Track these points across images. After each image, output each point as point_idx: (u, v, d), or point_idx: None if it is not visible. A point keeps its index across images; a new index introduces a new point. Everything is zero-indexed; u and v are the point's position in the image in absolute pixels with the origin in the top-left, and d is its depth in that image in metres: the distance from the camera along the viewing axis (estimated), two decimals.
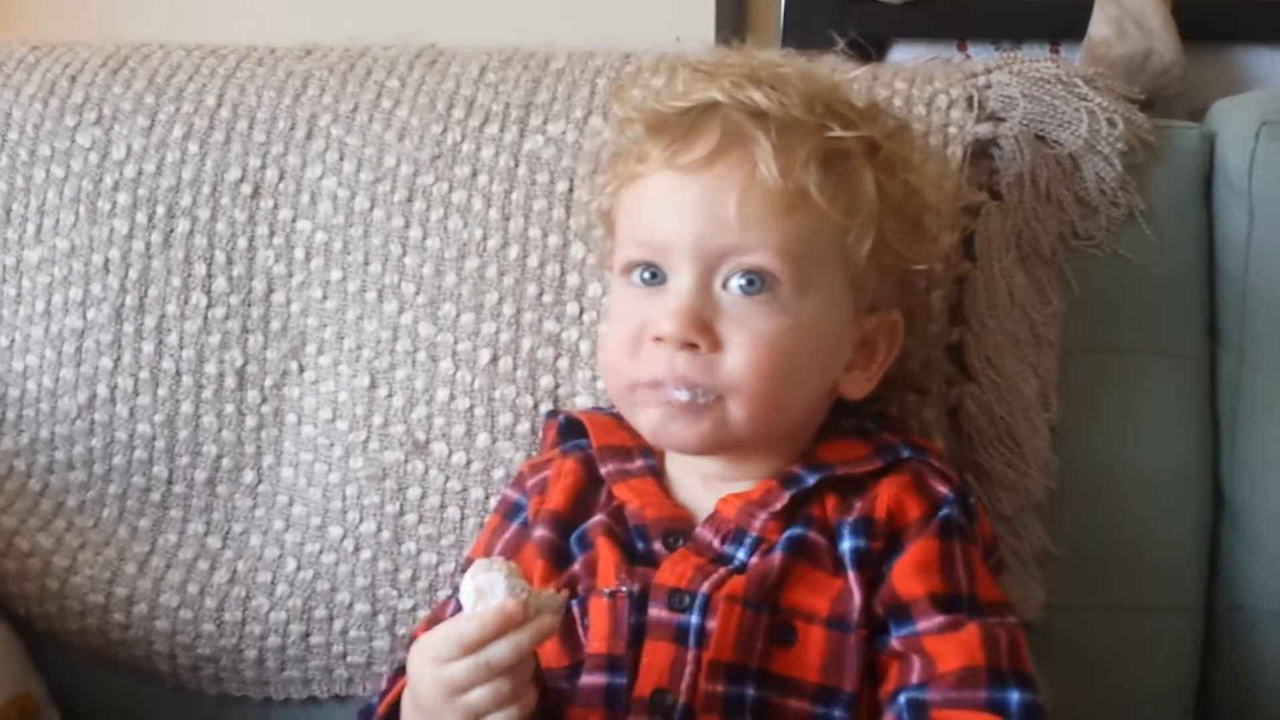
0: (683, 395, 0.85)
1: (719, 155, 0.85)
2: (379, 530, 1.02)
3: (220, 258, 1.06)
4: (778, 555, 0.85)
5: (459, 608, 0.86)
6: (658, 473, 0.91)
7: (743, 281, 0.85)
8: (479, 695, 0.77)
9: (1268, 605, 1.03)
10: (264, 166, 1.07)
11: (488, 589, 0.78)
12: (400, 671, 0.87)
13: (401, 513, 1.02)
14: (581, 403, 1.02)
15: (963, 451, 1.00)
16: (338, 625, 1.02)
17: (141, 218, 1.07)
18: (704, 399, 0.85)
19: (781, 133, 0.85)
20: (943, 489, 0.87)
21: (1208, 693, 1.06)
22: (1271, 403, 1.03)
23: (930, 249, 0.94)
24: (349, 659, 1.02)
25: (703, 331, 0.84)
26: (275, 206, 1.06)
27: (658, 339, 0.85)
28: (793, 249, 0.85)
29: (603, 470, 0.91)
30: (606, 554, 0.87)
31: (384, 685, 0.90)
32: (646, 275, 0.87)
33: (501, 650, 0.77)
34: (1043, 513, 1.01)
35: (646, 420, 0.87)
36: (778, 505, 0.87)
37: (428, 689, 0.79)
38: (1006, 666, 0.82)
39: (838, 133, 0.85)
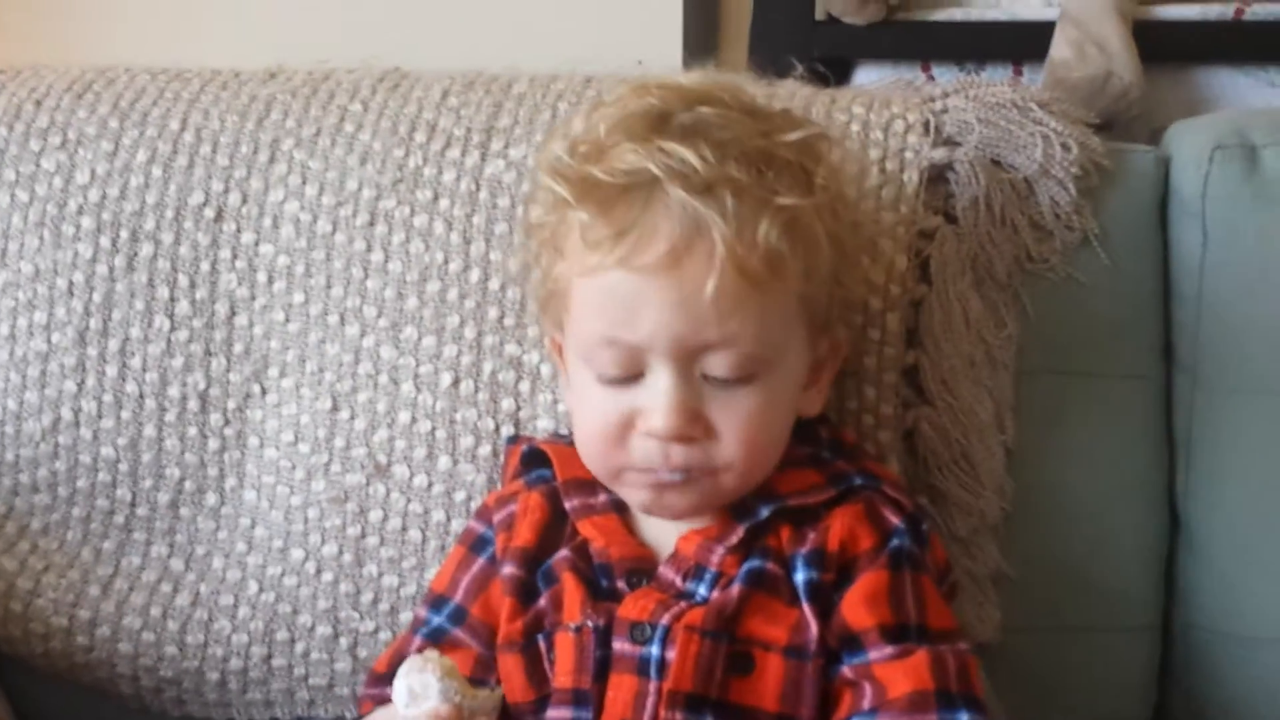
0: (677, 476, 0.85)
1: (682, 253, 0.82)
2: (340, 553, 1.03)
3: (183, 281, 1.07)
4: (736, 587, 0.86)
5: (422, 646, 0.87)
6: (621, 508, 0.91)
7: (727, 374, 0.84)
8: None
9: (1223, 625, 1.04)
10: (227, 190, 1.07)
11: (420, 691, 0.77)
12: None
13: (363, 535, 1.02)
14: (543, 425, 1.02)
15: (918, 474, 1.01)
16: (299, 648, 1.02)
17: (105, 241, 1.07)
18: (696, 477, 0.86)
19: (735, 209, 0.82)
20: (894, 519, 0.88)
21: (1164, 713, 1.06)
22: (1225, 423, 1.04)
23: (876, 267, 0.95)
24: (310, 681, 1.03)
25: (694, 422, 0.84)
26: (238, 230, 1.07)
27: (651, 435, 0.84)
28: (768, 329, 0.84)
29: (567, 505, 0.91)
30: (572, 589, 0.88)
31: None
32: (618, 377, 0.85)
33: None
34: (998, 534, 1.01)
35: (638, 498, 0.88)
36: (733, 539, 0.87)
37: None
38: (956, 690, 0.83)
39: (788, 200, 0.84)
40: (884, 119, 1.05)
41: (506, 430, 1.02)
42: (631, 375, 0.85)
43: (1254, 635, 1.02)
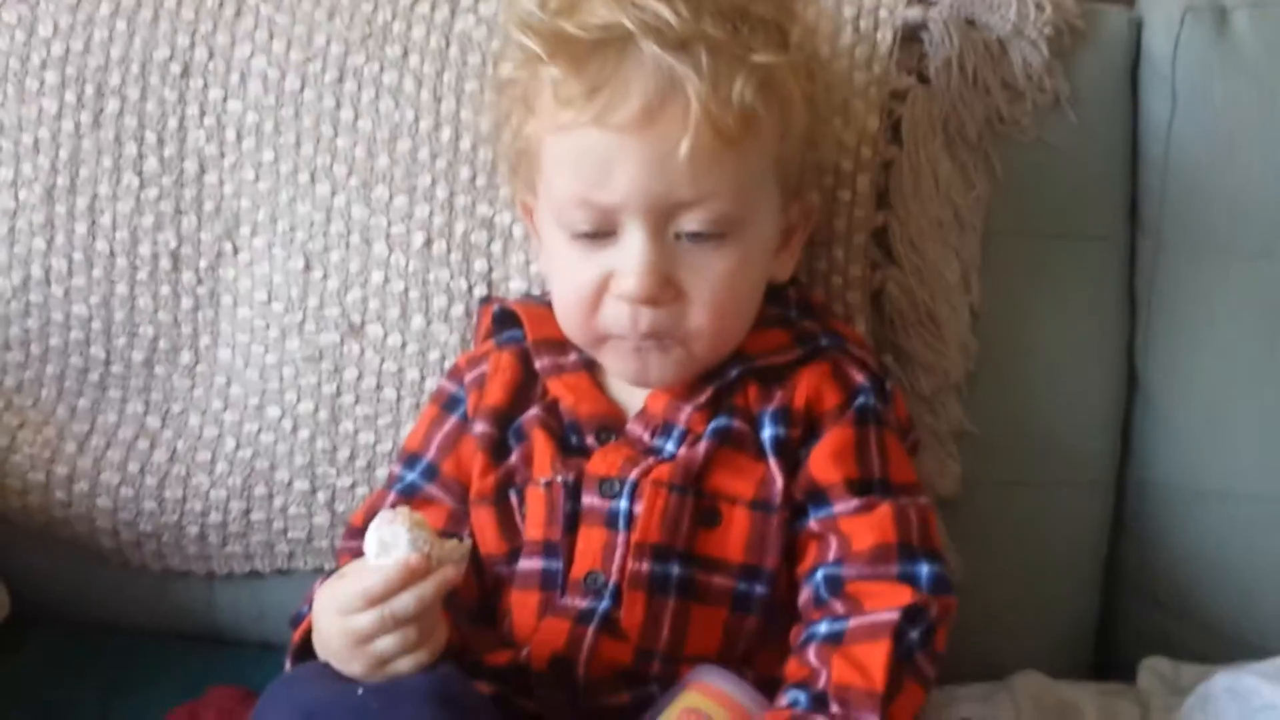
0: (650, 342, 0.85)
1: (657, 110, 0.81)
2: (316, 410, 1.03)
3: (151, 138, 1.05)
4: (704, 443, 0.87)
5: (396, 501, 0.89)
6: (591, 366, 0.92)
7: (700, 232, 0.84)
8: (385, 643, 0.79)
9: (1174, 479, 1.06)
10: (193, 45, 1.05)
11: (391, 541, 0.79)
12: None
13: (338, 393, 1.03)
14: (515, 287, 1.02)
15: (885, 334, 1.02)
16: (277, 502, 1.04)
17: (70, 97, 1.06)
18: (670, 341, 0.86)
19: (711, 66, 0.81)
20: (859, 377, 0.89)
21: (1115, 565, 1.10)
22: (1185, 285, 1.05)
23: (836, 127, 0.95)
24: (289, 534, 1.05)
25: (665, 286, 0.84)
26: (205, 86, 1.05)
27: (622, 298, 0.84)
28: (742, 189, 0.84)
29: (537, 365, 0.92)
30: (542, 446, 0.89)
31: (314, 593, 0.90)
32: (589, 232, 0.84)
33: (405, 602, 0.79)
34: (960, 393, 1.03)
35: (616, 365, 0.88)
36: (701, 398, 0.89)
37: (335, 637, 0.81)
38: (917, 542, 0.86)
39: (764, 57, 0.83)
40: None
41: (479, 291, 1.02)
42: (604, 234, 0.85)
43: (1202, 488, 1.05)
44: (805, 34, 0.89)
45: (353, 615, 0.80)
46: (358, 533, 0.93)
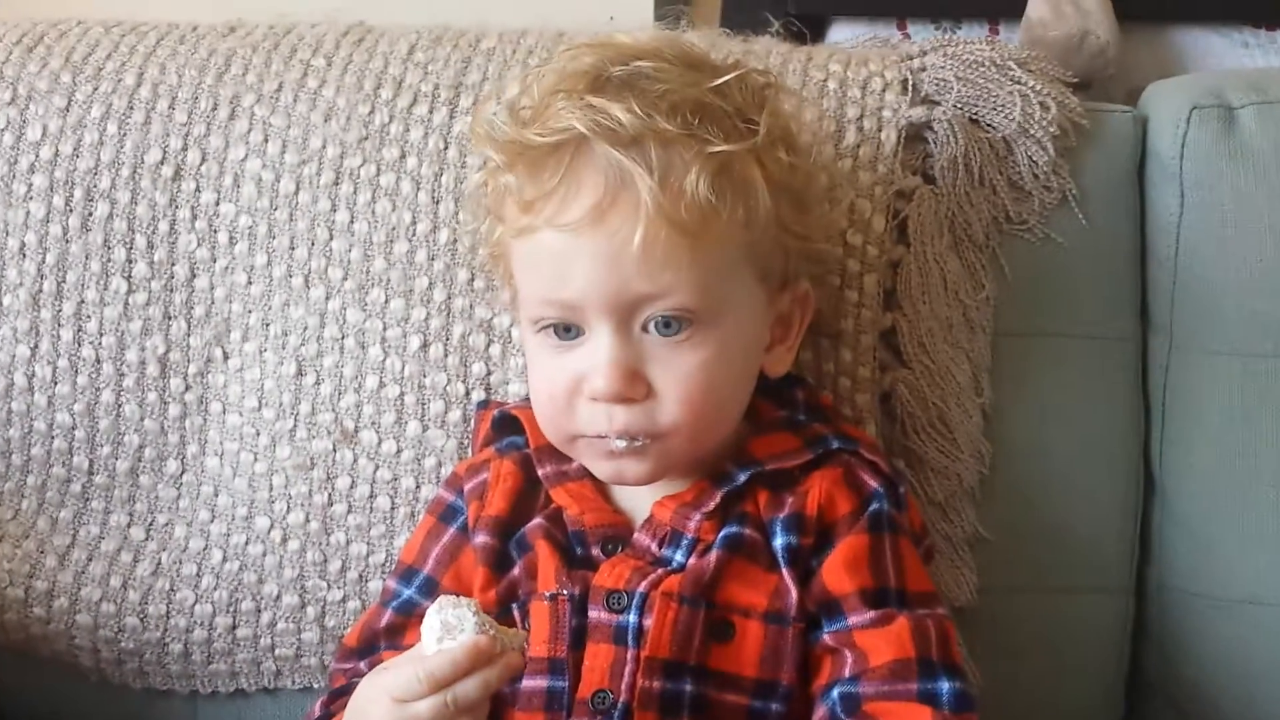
0: (622, 444, 0.84)
1: (608, 207, 0.81)
2: (307, 521, 1.01)
3: (141, 242, 1.04)
4: (714, 553, 0.85)
5: (393, 621, 0.87)
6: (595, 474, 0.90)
7: (663, 325, 0.83)
8: None
9: (1196, 586, 1.04)
10: (185, 148, 1.04)
11: (455, 624, 0.77)
12: (332, 698, 0.85)
13: (330, 503, 1.01)
14: (514, 390, 1.00)
15: (895, 437, 1.00)
16: (265, 618, 1.01)
17: (59, 201, 1.04)
18: (644, 442, 0.84)
19: (661, 159, 0.81)
20: (872, 483, 0.87)
21: (1138, 673, 1.07)
22: (1199, 384, 1.04)
23: (826, 216, 0.94)
24: (277, 652, 1.01)
25: (633, 382, 0.83)
26: (197, 189, 1.04)
27: (594, 398, 0.83)
28: (705, 279, 0.83)
29: (540, 473, 0.90)
30: (546, 557, 0.86)
31: (316, 713, 0.88)
32: (561, 331, 0.84)
33: (470, 688, 0.76)
34: (974, 497, 1.01)
35: (594, 466, 0.87)
36: (710, 505, 0.86)
37: None
38: (937, 658, 0.83)
39: (719, 146, 0.82)
40: (861, 76, 1.03)
41: (477, 395, 1.00)
42: (573, 334, 0.84)
43: (1226, 596, 1.03)
44: (778, 122, 0.88)
45: (412, 703, 0.76)
46: (352, 654, 0.91)
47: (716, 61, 0.89)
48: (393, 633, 0.90)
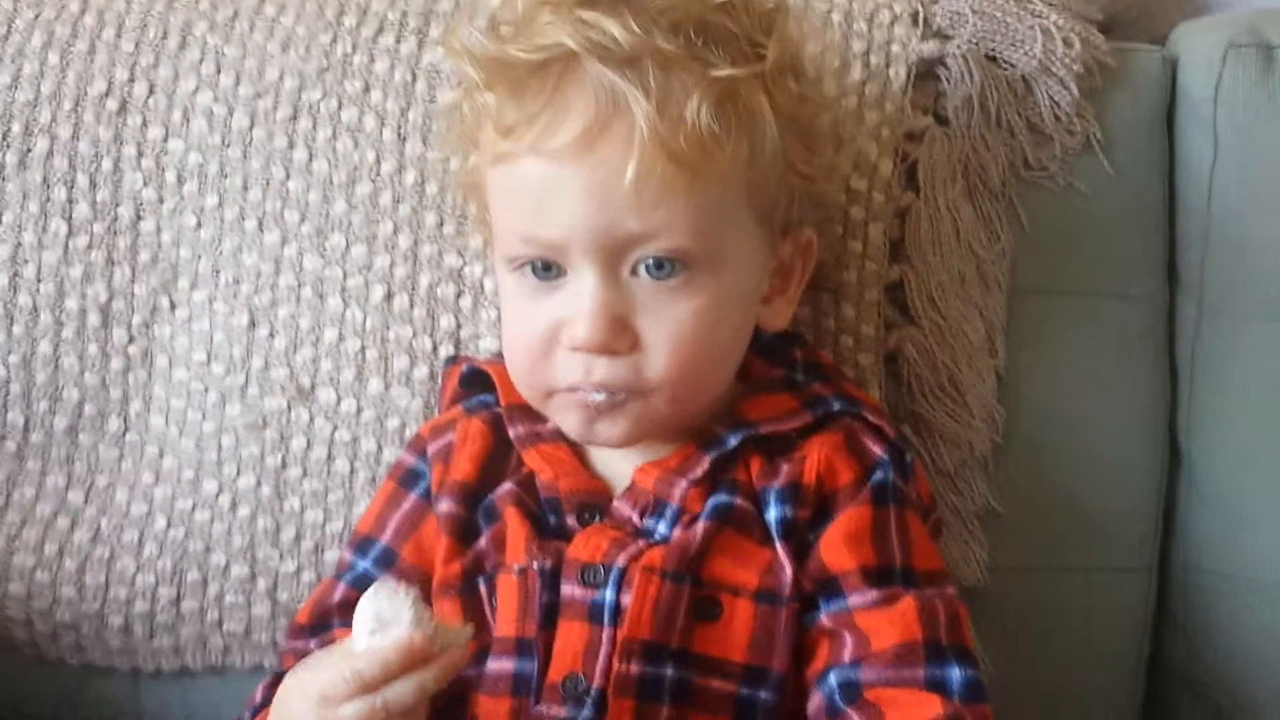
0: (600, 397, 0.77)
1: (598, 133, 0.74)
2: (258, 485, 0.95)
3: (83, 181, 0.97)
4: (701, 524, 0.78)
5: (346, 595, 0.81)
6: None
7: (654, 267, 0.76)
8: None
9: (1224, 566, 0.98)
10: (132, 79, 0.97)
11: (390, 616, 0.69)
12: (276, 680, 0.79)
13: (284, 466, 0.94)
14: (486, 346, 0.94)
15: (901, 401, 0.94)
16: (212, 589, 0.95)
17: None
18: (624, 397, 0.77)
19: (661, 83, 0.74)
20: (877, 449, 0.80)
21: (1159, 658, 1.01)
22: (1232, 349, 0.98)
23: (833, 157, 0.88)
24: (225, 627, 0.95)
25: (619, 332, 0.76)
26: (144, 124, 0.97)
27: (574, 348, 0.76)
28: (703, 219, 0.76)
29: (512, 433, 0.83)
30: (516, 527, 0.80)
31: (258, 698, 0.81)
32: (540, 270, 0.77)
33: (403, 691, 0.69)
34: (986, 468, 0.95)
35: (567, 423, 0.80)
36: (698, 472, 0.79)
37: None
38: (946, 642, 0.76)
39: (725, 70, 0.75)
40: (868, 8, 0.96)
41: (445, 350, 0.94)
42: (553, 275, 0.77)
43: (1259, 578, 0.97)
44: (784, 48, 0.80)
45: (337, 705, 0.69)
46: (304, 631, 0.84)
47: None
48: (346, 609, 0.81)
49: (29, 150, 0.97)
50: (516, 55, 0.76)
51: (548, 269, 0.77)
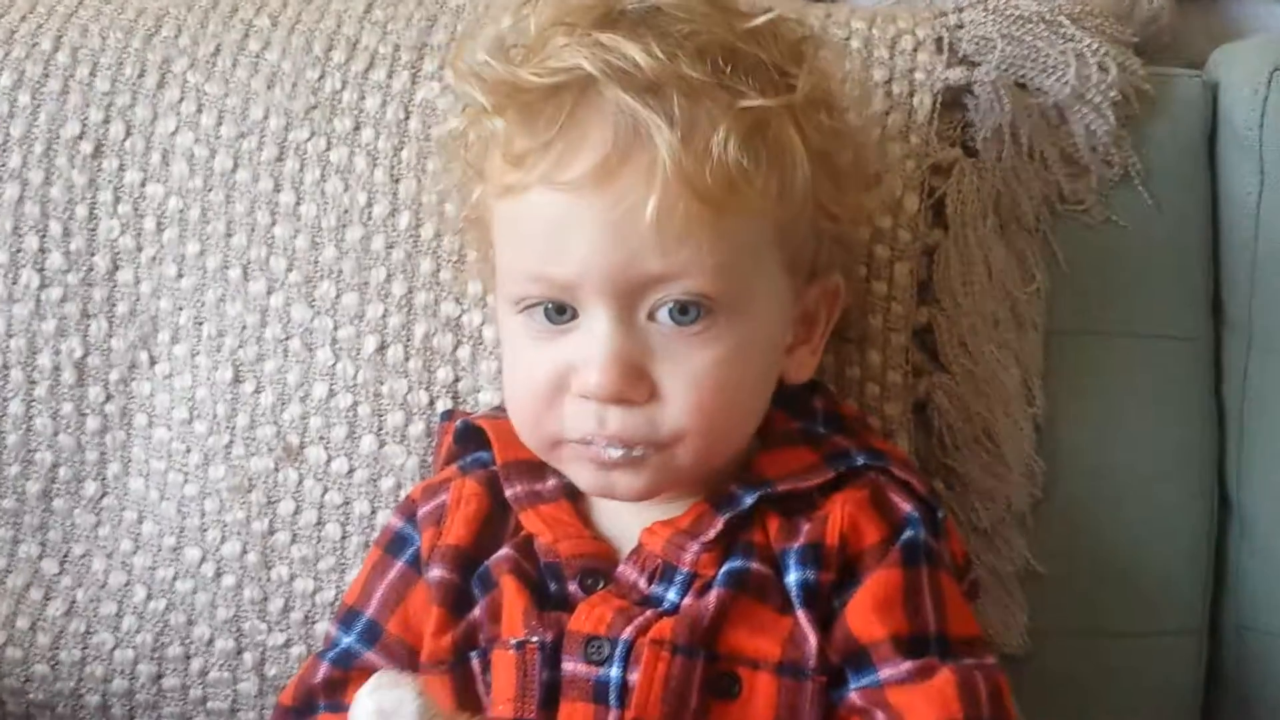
0: (616, 452, 0.72)
1: (617, 164, 0.70)
2: (244, 552, 0.90)
3: (55, 229, 0.93)
4: (715, 591, 0.73)
5: (330, 675, 0.76)
6: (574, 494, 0.78)
7: (675, 312, 0.71)
8: None
9: None
10: (107, 121, 0.94)
11: (392, 710, 0.64)
12: None
13: (271, 531, 0.90)
14: (486, 399, 0.89)
15: (932, 453, 0.90)
16: (195, 665, 0.90)
17: None
18: (642, 453, 0.72)
19: (686, 112, 0.70)
20: (905, 506, 0.75)
21: None
22: None
23: (865, 195, 0.84)
24: (209, 705, 0.90)
25: (635, 381, 0.71)
26: (121, 167, 0.94)
27: (584, 395, 0.72)
28: (728, 260, 0.71)
29: (509, 493, 0.78)
30: (513, 596, 0.74)
31: None
32: (550, 313, 0.73)
33: None
34: (1025, 524, 0.91)
35: (579, 478, 0.76)
36: (711, 533, 0.74)
37: None
38: (988, 718, 0.70)
39: (755, 100, 0.71)
40: (889, 34, 0.92)
41: (443, 405, 0.90)
42: (563, 318, 0.73)
43: None
44: (819, 81, 0.76)
45: None
46: (288, 714, 0.79)
47: (745, 7, 0.77)
48: (331, 689, 0.78)
49: None
50: (529, 79, 0.72)
51: (560, 311, 0.73)
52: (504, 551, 0.76)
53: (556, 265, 0.71)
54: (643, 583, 0.74)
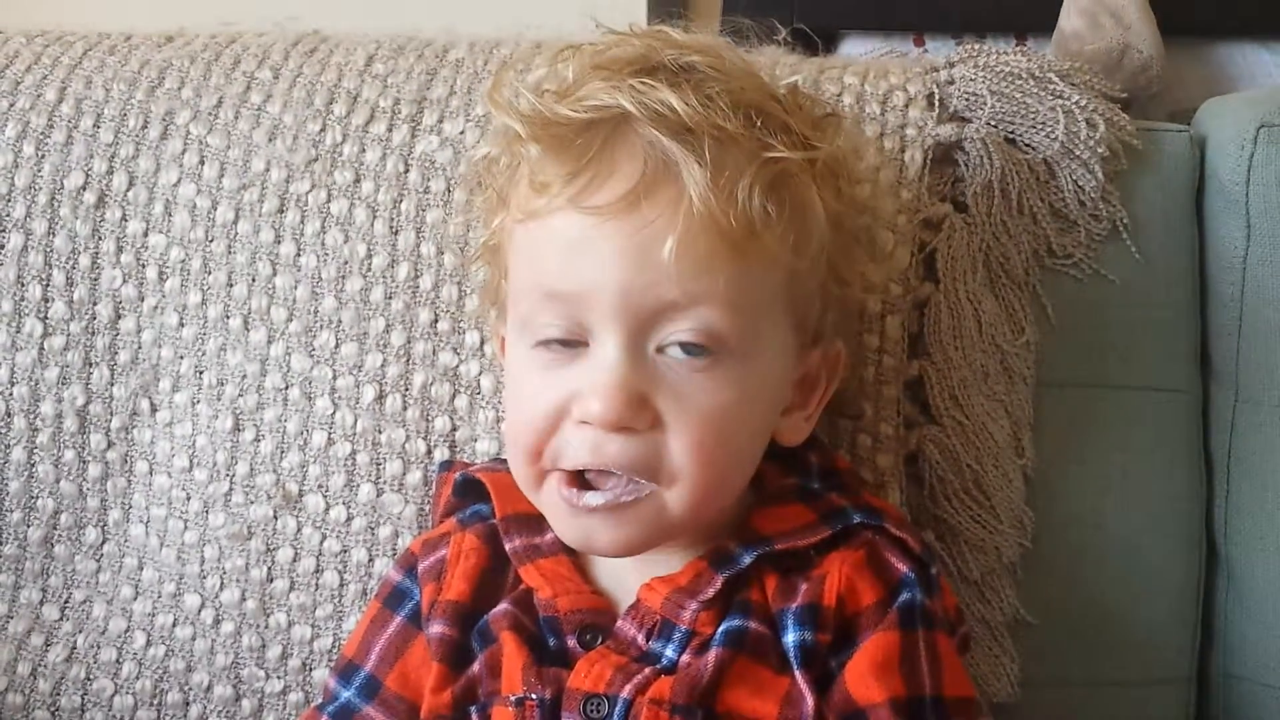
0: (597, 500, 0.71)
1: (643, 195, 0.70)
2: (243, 599, 0.89)
3: (59, 278, 0.93)
4: (713, 651, 0.72)
5: None
6: (572, 548, 0.77)
7: (687, 347, 0.71)
8: None
9: (1267, 677, 0.92)
10: (111, 171, 0.94)
11: None
12: None
13: (269, 578, 0.90)
14: (483, 449, 0.89)
15: (924, 505, 0.89)
16: (194, 712, 0.90)
17: None
18: (630, 496, 0.71)
19: (716, 155, 0.70)
20: (901, 566, 0.75)
21: None
22: (1270, 442, 0.93)
23: (878, 267, 0.84)
24: None
25: (639, 409, 0.71)
26: (124, 218, 0.93)
27: (584, 422, 0.71)
28: (742, 301, 0.71)
29: (508, 547, 0.78)
30: (512, 652, 0.74)
31: None
32: (557, 338, 0.72)
33: None
34: (1015, 575, 0.90)
35: (558, 524, 0.74)
36: (709, 592, 0.74)
37: None
38: None
39: (781, 153, 0.72)
40: (881, 90, 0.92)
41: (440, 454, 0.89)
42: (572, 345, 0.72)
43: None
44: (838, 152, 0.77)
45: None
46: None
47: (768, 76, 0.80)
48: None
49: (2, 246, 0.93)
50: (566, 112, 0.72)
51: (567, 345, 0.72)
52: (503, 606, 0.76)
53: (570, 281, 0.71)
54: (641, 639, 0.74)
